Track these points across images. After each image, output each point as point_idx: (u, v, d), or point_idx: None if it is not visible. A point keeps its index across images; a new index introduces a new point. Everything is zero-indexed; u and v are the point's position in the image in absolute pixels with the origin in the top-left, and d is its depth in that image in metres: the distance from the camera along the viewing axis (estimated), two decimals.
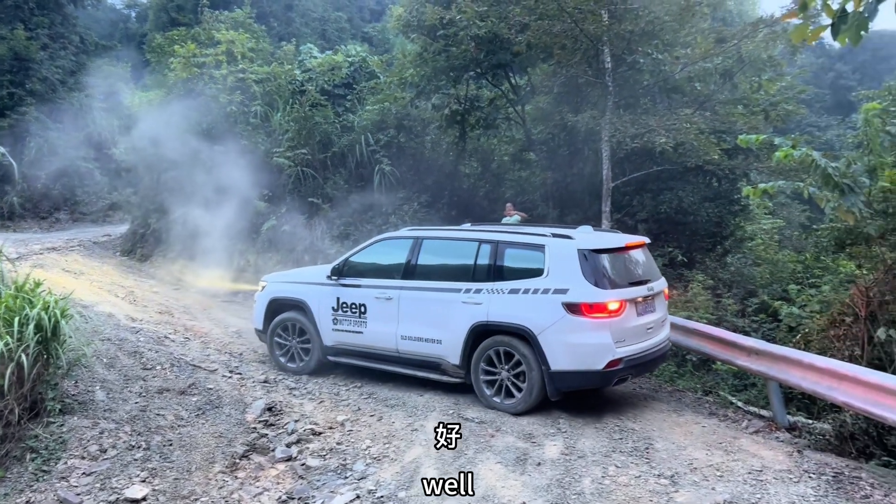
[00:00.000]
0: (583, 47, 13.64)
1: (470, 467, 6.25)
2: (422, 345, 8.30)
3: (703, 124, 13.31)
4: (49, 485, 6.22)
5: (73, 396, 7.46)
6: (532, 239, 7.85)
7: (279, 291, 9.78)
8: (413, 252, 8.55)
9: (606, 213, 13.73)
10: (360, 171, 16.72)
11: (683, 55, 13.95)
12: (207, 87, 17.14)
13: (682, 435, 7.18)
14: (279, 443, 7.20)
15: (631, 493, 5.68)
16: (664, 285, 8.34)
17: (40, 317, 6.81)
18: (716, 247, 14.66)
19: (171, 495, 6.16)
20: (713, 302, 11.56)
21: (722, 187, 15.00)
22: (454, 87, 16.78)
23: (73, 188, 25.61)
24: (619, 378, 7.55)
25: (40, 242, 18.86)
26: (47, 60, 26.20)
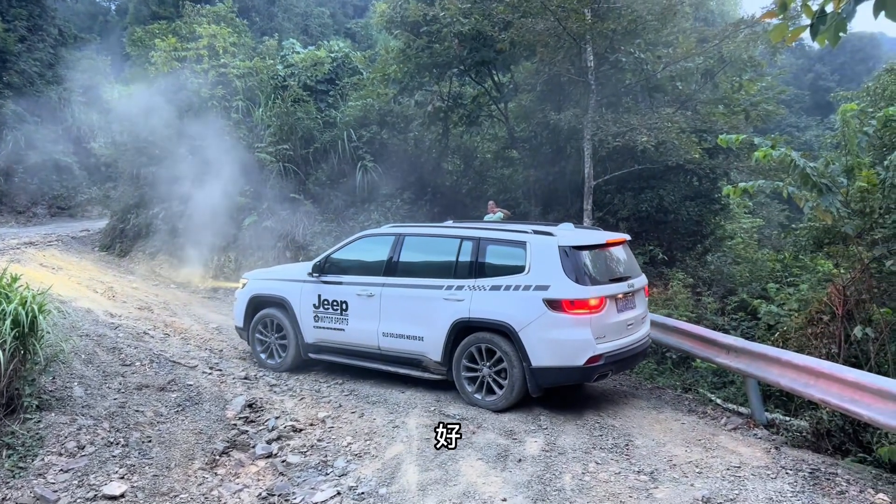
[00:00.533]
0: (566, 45, 13.69)
1: (451, 464, 6.26)
2: (403, 342, 8.29)
3: (685, 123, 13.41)
4: (26, 482, 6.14)
5: (51, 392, 7.37)
6: (513, 236, 7.86)
7: (260, 289, 9.73)
8: (395, 249, 8.54)
9: (588, 210, 13.80)
10: (342, 167, 16.65)
11: (665, 54, 14.04)
12: (188, 81, 16.98)
13: (662, 432, 7.23)
14: (260, 439, 7.16)
15: (611, 489, 5.71)
16: (644, 282, 8.41)
17: (17, 312, 6.71)
18: (696, 245, 14.79)
19: (149, 492, 6.11)
20: (693, 300, 11.66)
21: (702, 186, 15.12)
22: (437, 83, 16.77)
23: (51, 182, 25.31)
24: (600, 374, 7.56)
25: (17, 237, 18.60)
26: (25, 53, 25.85)
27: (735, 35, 13.52)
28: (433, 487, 5.85)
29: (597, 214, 14.23)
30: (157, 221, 17.09)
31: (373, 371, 8.73)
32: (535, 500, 5.53)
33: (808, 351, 7.98)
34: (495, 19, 14.27)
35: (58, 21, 28.74)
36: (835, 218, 7.39)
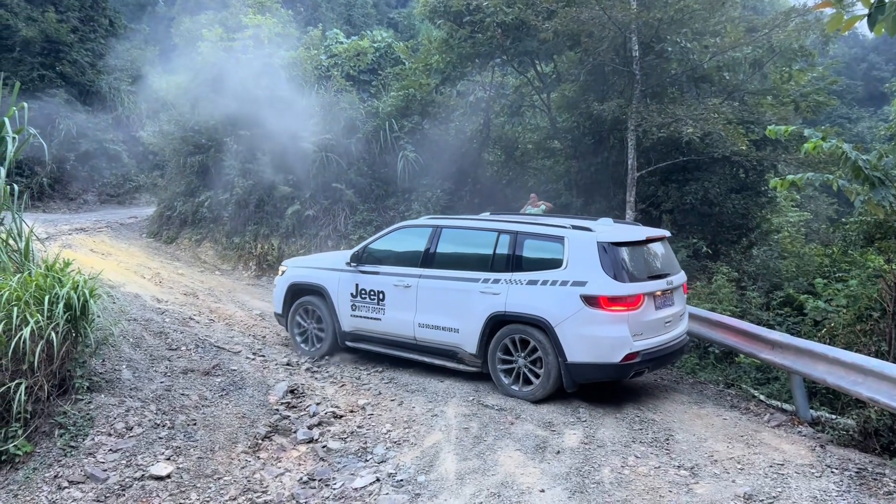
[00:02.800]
0: (610, 35, 13.50)
1: (489, 454, 6.29)
2: (439, 333, 8.34)
3: (731, 114, 13.13)
4: (77, 460, 6.35)
5: (101, 374, 7.58)
6: (552, 230, 7.84)
7: (299, 276, 9.87)
8: (432, 240, 8.58)
9: (631, 202, 13.64)
10: (383, 156, 16.72)
11: (712, 44, 13.75)
12: (234, 71, 17.23)
13: (703, 427, 7.15)
14: (301, 425, 7.28)
15: (650, 483, 5.67)
16: (683, 279, 8.30)
17: (70, 296, 6.92)
18: (741, 239, 14.51)
19: (194, 474, 6.27)
20: (737, 294, 11.46)
21: (749, 179, 14.82)
22: (479, 74, 16.70)
23: (100, 170, 25.90)
24: (636, 372, 7.52)
25: (68, 223, 19.11)
26: (77, 43, 26.44)
27: (786, 24, 13.17)
28: (471, 476, 5.88)
29: (640, 206, 14.06)
30: (202, 209, 17.41)
31: (412, 360, 8.80)
32: (574, 492, 5.53)
33: (856, 348, 7.81)
34: (539, 9, 14.15)
35: (108, 12, 29.32)
36: (887, 212, 7.19)
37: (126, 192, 26.27)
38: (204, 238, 17.27)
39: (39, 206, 23.65)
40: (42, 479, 6.12)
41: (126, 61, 28.45)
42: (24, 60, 25.02)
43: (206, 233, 17.30)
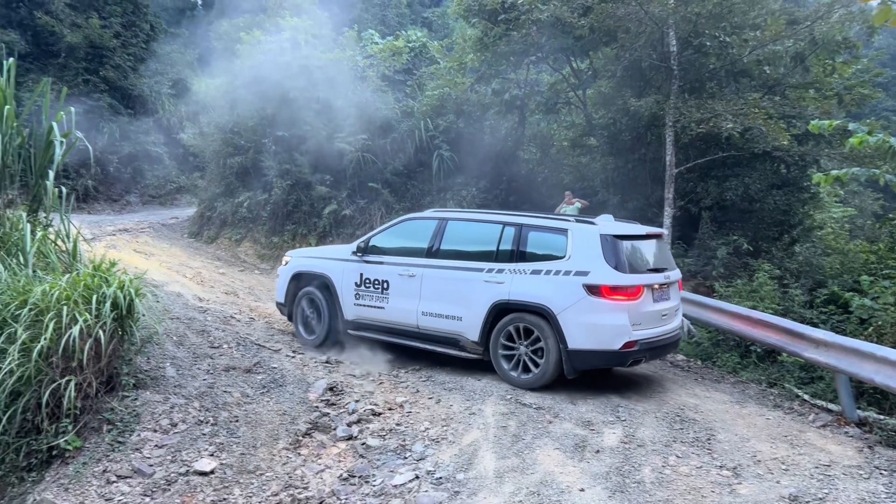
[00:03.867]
0: (647, 31, 13.36)
1: (528, 452, 6.28)
2: (442, 321, 8.54)
3: (772, 109, 12.91)
4: (124, 455, 6.51)
5: (146, 372, 7.75)
6: (555, 223, 8.15)
7: (303, 266, 10.11)
8: (438, 232, 8.83)
9: (669, 199, 13.49)
10: (419, 156, 16.81)
11: (752, 38, 13.51)
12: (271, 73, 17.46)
13: (746, 427, 7.05)
14: (340, 422, 7.35)
15: (692, 483, 5.62)
16: (679, 276, 8.64)
17: (116, 295, 7.08)
18: (783, 235, 14.24)
19: (237, 469, 6.38)
20: (779, 292, 11.24)
21: (790, 174, 14.54)
22: (514, 72, 16.66)
23: (142, 172, 26.48)
24: (634, 360, 7.78)
25: (112, 224, 19.56)
26: (119, 48, 27.04)
27: (828, 16, 12.90)
28: (510, 475, 5.89)
29: (678, 203, 13.89)
30: (241, 209, 17.69)
31: (449, 358, 8.83)
32: (614, 491, 5.49)
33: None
34: (574, 5, 14.07)
35: (149, 17, 29.93)
36: None
37: (167, 194, 26.80)
38: (243, 238, 17.55)
39: (84, 208, 24.25)
40: (91, 474, 6.28)
41: (166, 65, 29.02)
42: (68, 66, 25.68)
43: (245, 232, 17.58)
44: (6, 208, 9.04)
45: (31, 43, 26.14)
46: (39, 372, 6.65)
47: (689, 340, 11.05)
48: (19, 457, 6.58)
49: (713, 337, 10.69)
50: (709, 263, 13.34)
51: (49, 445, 6.56)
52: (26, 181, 9.31)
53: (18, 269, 7.66)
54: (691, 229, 14.40)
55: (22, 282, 7.30)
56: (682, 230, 14.18)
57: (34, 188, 9.50)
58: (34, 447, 6.63)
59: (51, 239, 8.80)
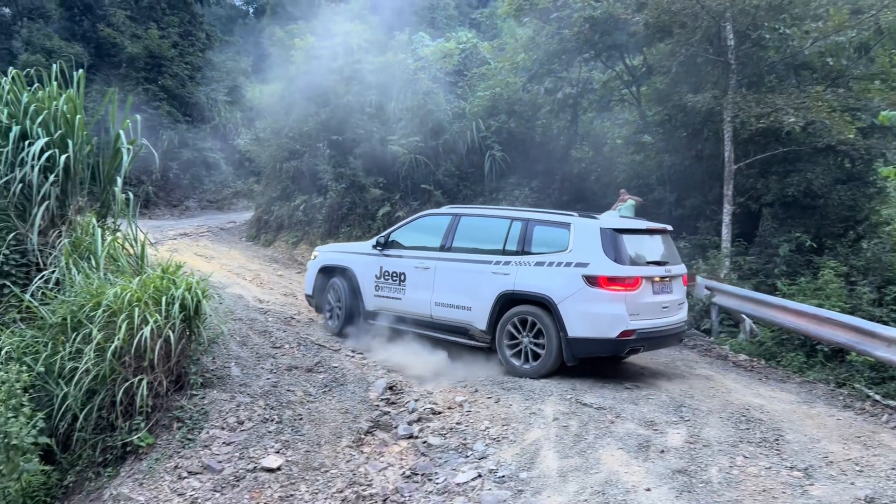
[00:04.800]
0: (703, 25, 13.10)
1: (591, 452, 6.24)
2: (453, 311, 8.99)
3: (836, 102, 12.51)
4: (194, 452, 6.71)
5: (212, 371, 7.97)
6: (559, 218, 8.57)
7: (329, 260, 10.75)
8: (451, 227, 9.30)
9: (728, 196, 13.22)
10: (471, 157, 16.83)
11: (814, 29, 13.11)
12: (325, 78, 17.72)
13: (815, 427, 6.88)
14: (401, 420, 7.43)
15: (762, 483, 5.50)
16: (683, 271, 8.90)
17: (184, 297, 7.30)
18: (847, 232, 13.76)
19: (303, 466, 6.51)
20: (846, 290, 10.90)
21: (855, 168, 14.06)
22: (566, 70, 16.55)
23: (200, 177, 27.12)
24: (631, 348, 8.09)
25: (173, 228, 20.12)
26: (177, 57, 27.75)
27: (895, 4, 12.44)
28: (574, 474, 5.86)
29: (738, 200, 13.57)
30: (297, 213, 18.00)
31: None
32: (681, 491, 5.42)
33: None
34: (628, 1, 13.89)
35: (205, 26, 30.67)
36: None
37: (224, 198, 27.41)
38: (300, 240, 17.84)
39: (146, 213, 24.96)
40: (164, 469, 6.49)
41: (222, 73, 29.69)
42: (129, 76, 26.47)
43: (301, 235, 17.87)
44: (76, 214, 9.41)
45: (94, 55, 27.10)
46: (113, 371, 6.92)
47: (752, 340, 10.82)
48: (95, 453, 6.87)
49: (777, 336, 10.43)
50: (770, 261, 13.01)
51: (123, 442, 6.82)
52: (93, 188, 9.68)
53: (90, 272, 7.97)
54: (752, 227, 14.06)
55: (95, 284, 7.59)
56: (742, 228, 13.86)
57: (102, 194, 9.87)
58: (109, 443, 6.90)
59: (119, 243, 9.13)
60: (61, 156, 8.77)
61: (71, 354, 7.06)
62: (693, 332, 11.38)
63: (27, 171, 8.47)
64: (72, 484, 6.83)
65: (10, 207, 8.67)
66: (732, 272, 12.63)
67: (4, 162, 8.68)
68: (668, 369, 9.21)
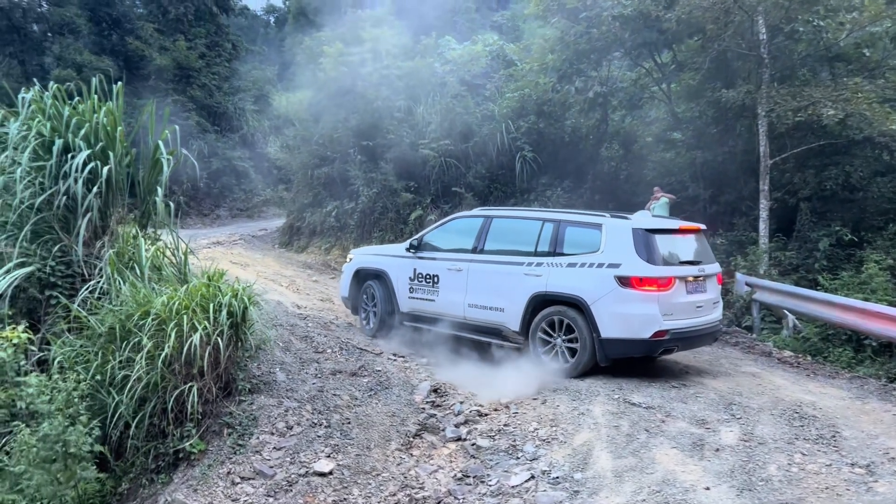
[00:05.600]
0: (736, 20, 12.97)
1: (644, 451, 6.19)
2: (486, 312, 9.04)
3: (873, 93, 12.31)
4: (245, 457, 6.75)
5: (258, 377, 8.01)
6: (591, 219, 8.55)
7: (364, 263, 10.88)
8: (483, 229, 9.34)
9: (765, 191, 13.05)
10: (500, 159, 16.81)
11: (849, 20, 12.91)
12: (355, 84, 17.84)
13: (871, 423, 6.76)
14: (448, 423, 7.42)
15: (823, 481, 5.41)
16: (717, 269, 8.82)
17: (231, 303, 7.36)
18: (888, 225, 13.50)
19: (354, 470, 6.53)
20: (892, 283, 10.70)
21: (895, 160, 13.81)
22: (596, 69, 16.47)
23: (230, 186, 27.47)
24: (665, 349, 8.06)
25: (206, 237, 20.34)
26: (205, 68, 28.17)
27: None
28: (629, 474, 5.81)
29: (774, 195, 13.40)
30: (329, 219, 18.12)
31: None
32: (742, 489, 5.35)
33: None
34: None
35: (231, 37, 31.08)
36: None
37: (254, 206, 27.72)
38: (333, 246, 17.95)
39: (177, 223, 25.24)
40: (217, 475, 6.54)
41: (248, 82, 30.04)
42: (158, 87, 26.89)
43: (334, 241, 17.99)
44: (118, 225, 9.54)
45: (123, 67, 27.52)
46: (164, 379, 6.98)
47: (796, 336, 10.66)
48: (148, 460, 6.93)
49: (822, 332, 10.26)
50: (810, 256, 12.82)
51: (175, 449, 6.88)
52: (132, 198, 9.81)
53: (136, 281, 8.06)
54: (789, 221, 13.85)
55: (141, 293, 7.68)
56: (780, 223, 13.67)
57: (142, 204, 10.00)
58: (161, 450, 6.96)
59: (161, 252, 9.23)
60: (103, 168, 8.88)
61: (121, 363, 7.16)
62: (734, 330, 11.25)
63: (70, 183, 8.58)
64: (125, 491, 6.90)
65: (54, 219, 8.80)
66: (772, 268, 12.47)
67: (49, 175, 8.81)
68: (713, 367, 9.10)
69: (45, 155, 8.90)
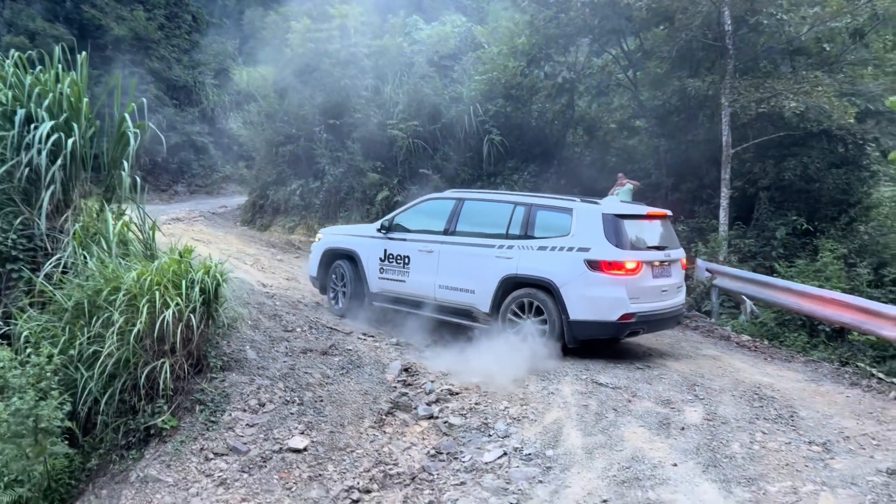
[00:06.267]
0: (703, 10, 13.21)
1: (613, 430, 6.37)
2: (457, 294, 9.11)
3: (832, 87, 12.70)
4: (218, 434, 6.74)
5: (229, 355, 7.96)
6: (562, 203, 8.66)
7: (333, 242, 10.83)
8: (455, 211, 9.39)
9: (726, 180, 13.39)
10: (469, 141, 16.84)
11: (811, 15, 13.27)
12: (322, 61, 17.63)
13: (826, 404, 7.07)
14: (419, 401, 7.50)
15: (784, 458, 5.67)
16: (682, 255, 9.05)
17: (204, 280, 7.30)
18: (841, 215, 14.02)
19: (328, 447, 6.58)
20: (845, 271, 11.13)
21: (849, 153, 14.28)
22: (564, 55, 16.59)
23: (189, 162, 26.88)
24: (631, 331, 8.28)
25: (165, 213, 19.86)
26: (164, 40, 27.42)
27: None
28: (600, 451, 5.99)
29: (735, 184, 13.76)
30: (294, 197, 17.94)
31: None
32: (707, 466, 5.57)
33: None
34: None
35: (191, 8, 30.29)
36: None
37: (214, 183, 27.22)
38: (297, 225, 17.81)
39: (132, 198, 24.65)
40: (190, 451, 6.52)
41: (209, 55, 29.37)
42: (115, 58, 26.10)
43: (298, 220, 17.84)
44: (82, 199, 9.35)
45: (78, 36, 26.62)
46: (135, 355, 6.90)
47: (753, 321, 11.02)
48: (118, 436, 6.86)
49: (778, 317, 10.64)
50: (768, 244, 13.24)
51: (146, 425, 6.82)
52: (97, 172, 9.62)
53: (104, 256, 7.92)
54: (748, 210, 14.27)
55: (110, 268, 7.56)
56: (740, 211, 14.06)
57: (107, 178, 9.81)
58: (132, 427, 6.90)
59: (127, 227, 9.08)
60: (67, 140, 8.69)
61: (90, 339, 7.06)
62: (694, 314, 11.57)
63: (33, 154, 8.37)
64: (95, 467, 6.83)
65: (16, 192, 8.58)
66: (731, 255, 12.84)
67: (10, 146, 8.58)
68: (675, 350, 9.37)
69: (5, 125, 8.66)
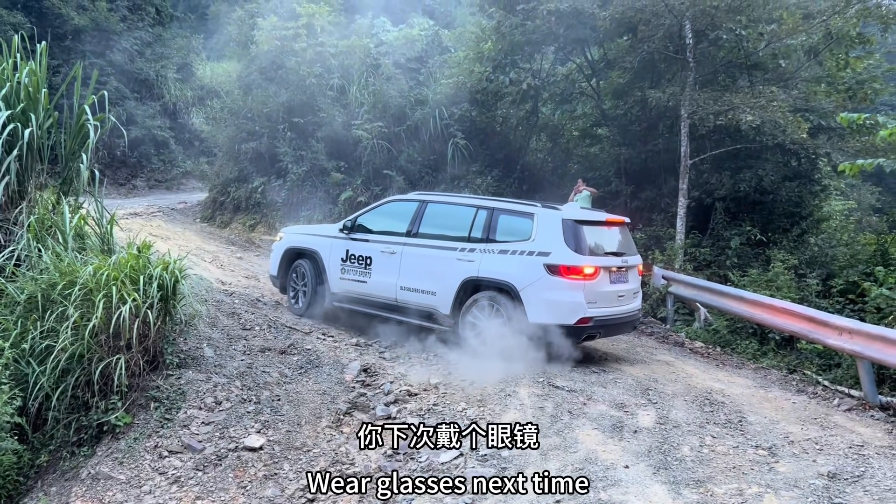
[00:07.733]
0: (666, 23, 13.50)
1: (568, 432, 6.48)
2: (418, 295, 9.15)
3: (786, 102, 13.09)
4: (173, 431, 6.69)
5: (186, 352, 7.90)
6: (524, 208, 8.78)
7: (295, 242, 10.81)
8: (418, 213, 9.46)
9: (683, 190, 13.69)
10: (433, 144, 16.90)
11: (769, 32, 13.67)
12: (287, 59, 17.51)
13: (773, 410, 7.28)
14: (378, 402, 7.53)
15: (731, 461, 5.83)
16: (639, 261, 9.24)
17: (161, 276, 7.23)
18: (793, 227, 14.45)
19: (285, 446, 6.58)
20: (795, 282, 11.48)
21: (802, 167, 14.74)
22: (529, 61, 16.77)
23: (149, 156, 26.39)
24: (588, 335, 8.41)
25: (122, 208, 19.44)
26: (126, 32, 26.90)
27: (845, 10, 13.05)
28: (554, 453, 6.09)
29: (692, 194, 14.08)
30: (255, 195, 17.78)
31: None
32: (658, 468, 5.70)
33: None
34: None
35: (155, 1, 29.79)
36: None
37: (173, 178, 26.76)
38: (258, 223, 17.66)
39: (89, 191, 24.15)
40: (143, 449, 6.46)
41: (172, 49, 28.91)
42: (75, 49, 25.54)
43: (259, 218, 17.69)
44: (37, 191, 9.17)
45: (37, 24, 25.98)
46: (89, 350, 6.81)
47: (707, 328, 11.29)
48: (69, 432, 6.77)
49: (731, 325, 10.92)
50: (722, 253, 13.57)
51: (99, 422, 6.74)
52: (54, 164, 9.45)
53: (60, 250, 7.79)
54: (704, 220, 14.61)
55: (66, 262, 7.45)
56: (696, 220, 14.39)
57: (64, 170, 9.64)
58: (83, 423, 6.81)
59: (84, 221, 8.94)
60: (24, 130, 8.53)
61: (43, 333, 6.94)
62: (650, 320, 11.80)
63: None
64: (45, 464, 6.72)
65: None
66: (687, 263, 13.13)
67: None
68: (630, 355, 9.54)
69: None
